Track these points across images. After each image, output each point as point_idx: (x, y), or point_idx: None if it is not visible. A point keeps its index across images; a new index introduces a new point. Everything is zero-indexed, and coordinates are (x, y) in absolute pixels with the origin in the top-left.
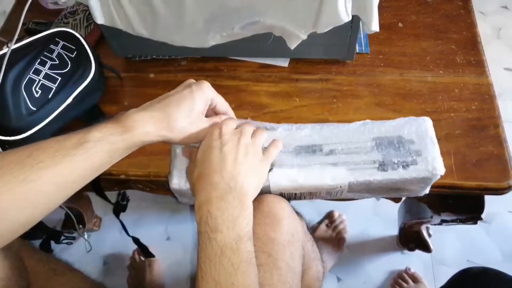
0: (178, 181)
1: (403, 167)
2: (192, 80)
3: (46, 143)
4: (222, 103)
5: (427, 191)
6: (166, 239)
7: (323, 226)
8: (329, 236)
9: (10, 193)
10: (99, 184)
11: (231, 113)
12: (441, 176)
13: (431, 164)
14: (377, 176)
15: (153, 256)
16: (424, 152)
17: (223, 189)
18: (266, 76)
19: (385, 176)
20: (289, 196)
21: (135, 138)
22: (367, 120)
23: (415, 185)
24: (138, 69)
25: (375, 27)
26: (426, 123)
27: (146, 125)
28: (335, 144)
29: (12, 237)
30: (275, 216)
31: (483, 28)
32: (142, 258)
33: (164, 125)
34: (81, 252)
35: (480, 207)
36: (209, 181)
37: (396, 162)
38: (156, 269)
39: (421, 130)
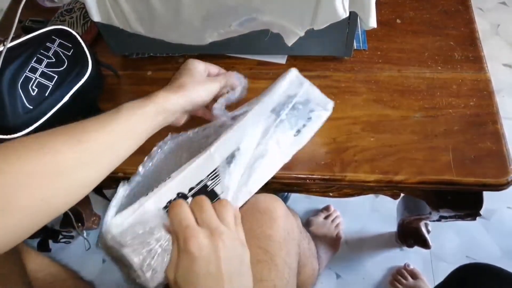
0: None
1: (308, 119)
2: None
3: (85, 120)
4: (213, 68)
5: None
6: None
7: (320, 219)
8: (326, 231)
9: (69, 151)
10: None
11: (222, 70)
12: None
13: (323, 103)
14: (300, 142)
15: None
16: (311, 98)
17: None
18: (264, 73)
19: (304, 137)
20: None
21: (158, 103)
22: (256, 106)
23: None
24: (136, 67)
25: (372, 23)
26: (296, 74)
27: (163, 93)
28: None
29: (77, 197)
30: (271, 214)
31: (482, 24)
32: None
33: (176, 89)
34: (80, 250)
35: (479, 203)
36: None
37: (303, 120)
38: None
39: (296, 82)
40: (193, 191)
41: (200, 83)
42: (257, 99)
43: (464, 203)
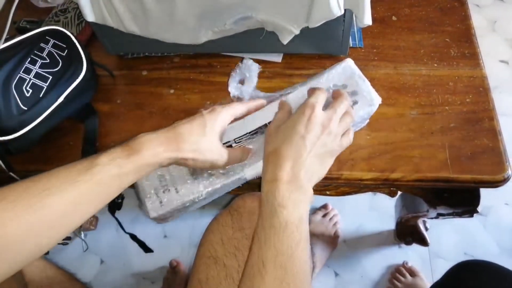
0: (154, 208)
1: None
2: (207, 107)
3: (55, 171)
4: (240, 108)
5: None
6: (163, 237)
7: (318, 217)
8: (324, 229)
9: (17, 223)
10: None
11: (255, 103)
12: (379, 104)
13: (369, 98)
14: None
15: (151, 251)
16: (359, 90)
17: (293, 175)
18: (259, 71)
19: None
20: None
21: (143, 160)
22: (303, 87)
23: (361, 121)
24: (131, 66)
25: (367, 20)
26: (350, 64)
27: (154, 146)
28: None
29: (22, 265)
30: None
31: (478, 20)
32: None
33: (173, 145)
34: (78, 252)
35: (476, 200)
36: (281, 163)
37: None
38: (182, 271)
39: (348, 72)
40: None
41: (205, 140)
42: (304, 83)
43: (461, 200)
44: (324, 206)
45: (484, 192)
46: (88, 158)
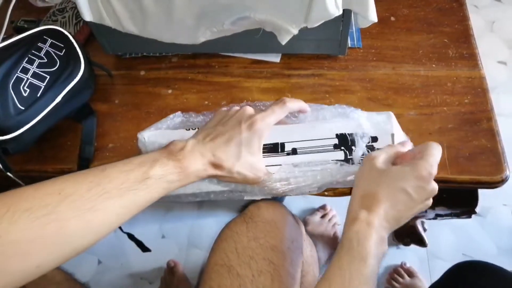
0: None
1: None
2: (246, 112)
3: (113, 171)
4: (281, 114)
5: None
6: (161, 237)
7: (316, 218)
8: (323, 230)
9: (77, 220)
10: None
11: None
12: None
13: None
14: (339, 176)
15: (149, 250)
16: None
17: (385, 231)
18: (257, 72)
19: (348, 175)
20: None
21: (189, 179)
22: (333, 118)
23: None
24: (129, 66)
25: (373, 17)
26: (391, 120)
27: (198, 164)
28: (297, 142)
29: (71, 258)
30: (276, 223)
31: (477, 21)
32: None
33: (213, 168)
34: None
35: (474, 201)
36: (380, 212)
37: (358, 160)
38: (180, 271)
39: (384, 127)
40: None
41: (245, 162)
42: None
43: (460, 201)
44: (323, 207)
45: (482, 192)
46: (144, 165)
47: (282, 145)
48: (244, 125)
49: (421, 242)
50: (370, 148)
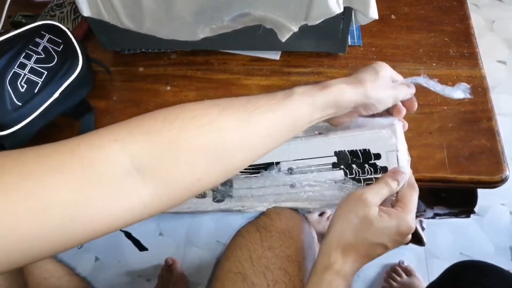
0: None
1: (367, 185)
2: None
3: (259, 96)
4: (399, 77)
5: None
6: (159, 235)
7: (315, 217)
8: (321, 228)
9: (235, 132)
10: None
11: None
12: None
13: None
14: (339, 195)
15: (146, 249)
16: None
17: (352, 273)
18: (257, 69)
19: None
20: None
21: (332, 94)
22: (331, 134)
23: None
24: (127, 62)
25: (373, 14)
26: (395, 132)
27: (341, 85)
28: (294, 161)
29: (224, 177)
30: (291, 233)
31: (477, 20)
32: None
33: (359, 89)
34: (73, 249)
35: (473, 200)
36: (352, 262)
37: (359, 180)
38: (178, 269)
39: (388, 143)
40: None
41: (382, 87)
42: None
43: (459, 200)
44: None
45: (480, 192)
46: (283, 91)
47: (278, 164)
48: (375, 63)
49: (419, 241)
50: (373, 166)
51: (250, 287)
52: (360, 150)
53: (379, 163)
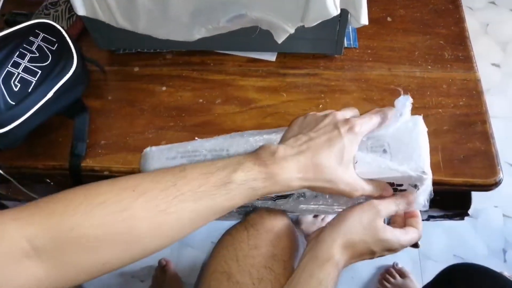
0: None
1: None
2: (340, 116)
3: (193, 172)
4: (377, 121)
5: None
6: None
7: (309, 218)
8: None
9: (149, 221)
10: (82, 182)
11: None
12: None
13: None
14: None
15: None
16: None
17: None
18: (253, 70)
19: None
20: None
21: (277, 186)
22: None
23: None
24: (122, 62)
25: (364, 20)
26: (419, 167)
27: (292, 171)
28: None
29: (133, 262)
30: (278, 233)
31: (471, 23)
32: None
33: (310, 174)
34: None
35: (467, 203)
36: (351, 257)
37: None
38: (171, 270)
39: (411, 178)
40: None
41: (345, 172)
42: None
43: (453, 203)
44: None
45: (474, 194)
46: (226, 168)
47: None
48: (343, 128)
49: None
50: (394, 190)
51: (235, 286)
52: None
53: (401, 187)
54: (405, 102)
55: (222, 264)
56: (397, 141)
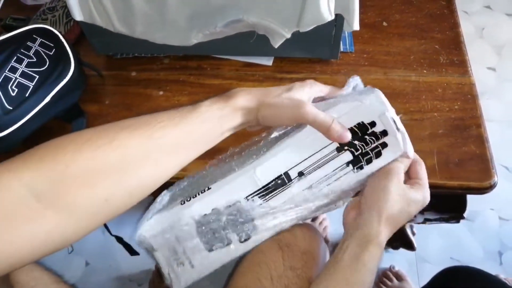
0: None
1: (376, 155)
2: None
3: (161, 112)
4: (325, 89)
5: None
6: None
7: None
8: None
9: (138, 147)
10: None
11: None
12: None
13: (401, 141)
14: (356, 177)
15: (138, 253)
16: (390, 131)
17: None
18: (249, 74)
19: (364, 174)
20: None
21: (237, 103)
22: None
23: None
24: (120, 67)
25: (355, 26)
26: (378, 97)
27: (245, 94)
28: (300, 164)
29: (136, 197)
30: (313, 254)
31: (466, 27)
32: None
33: (260, 96)
34: (63, 253)
35: (463, 206)
36: (390, 233)
37: (367, 153)
38: None
39: (375, 108)
40: (229, 209)
41: (289, 99)
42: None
43: (449, 206)
44: None
45: (470, 197)
46: (189, 105)
47: (287, 174)
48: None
49: (409, 246)
50: (373, 135)
51: None
52: (354, 126)
53: (377, 129)
54: (357, 80)
55: (255, 281)
56: (354, 94)
